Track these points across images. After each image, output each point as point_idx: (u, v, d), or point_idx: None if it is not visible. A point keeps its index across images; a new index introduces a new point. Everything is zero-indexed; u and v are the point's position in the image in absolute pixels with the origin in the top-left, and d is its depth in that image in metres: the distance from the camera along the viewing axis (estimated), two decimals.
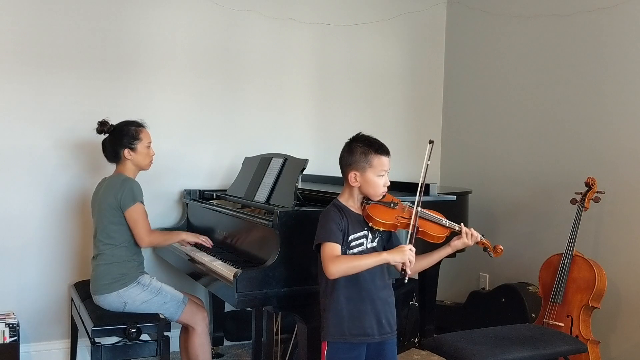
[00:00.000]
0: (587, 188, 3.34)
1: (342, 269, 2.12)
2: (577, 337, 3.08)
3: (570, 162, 3.69)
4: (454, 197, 3.20)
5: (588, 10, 3.59)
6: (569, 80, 3.72)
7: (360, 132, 2.30)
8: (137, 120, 3.07)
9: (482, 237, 2.32)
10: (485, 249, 2.35)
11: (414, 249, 2.15)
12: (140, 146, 3.01)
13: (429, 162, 2.27)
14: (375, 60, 4.43)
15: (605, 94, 3.50)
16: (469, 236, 2.28)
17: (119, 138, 2.99)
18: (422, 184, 2.24)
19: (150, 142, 3.07)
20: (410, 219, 2.21)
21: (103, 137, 3.06)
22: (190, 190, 3.78)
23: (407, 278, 2.17)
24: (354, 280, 2.19)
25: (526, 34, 4.01)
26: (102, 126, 3.03)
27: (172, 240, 3.18)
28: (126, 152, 2.99)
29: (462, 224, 2.31)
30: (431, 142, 2.28)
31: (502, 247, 2.33)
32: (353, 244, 2.21)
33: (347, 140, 2.29)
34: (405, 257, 2.12)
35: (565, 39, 3.74)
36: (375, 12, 4.40)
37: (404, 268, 2.14)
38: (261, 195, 3.15)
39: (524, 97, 4.03)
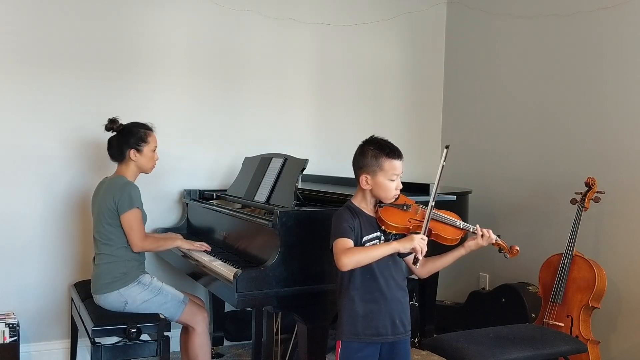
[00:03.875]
0: (587, 188, 3.34)
1: (354, 259, 2.11)
2: (577, 337, 3.08)
3: (570, 162, 3.69)
4: (454, 197, 3.20)
5: (588, 10, 3.59)
6: (569, 80, 3.72)
7: (373, 135, 2.28)
8: (147, 123, 3.08)
9: (498, 238, 2.29)
10: (500, 250, 2.32)
11: (425, 238, 2.15)
12: (146, 149, 3.02)
13: (444, 163, 2.27)
14: (375, 60, 4.43)
15: (605, 93, 3.50)
16: (484, 238, 2.26)
17: (127, 138, 2.99)
18: (435, 189, 2.24)
19: (156, 147, 3.08)
20: (423, 221, 2.20)
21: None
22: (190, 190, 3.78)
23: (418, 264, 2.18)
24: (369, 280, 2.19)
25: (526, 34, 4.01)
26: (112, 124, 3.03)
27: (167, 247, 3.13)
28: (132, 152, 2.99)
29: (477, 225, 2.29)
30: (447, 147, 2.28)
31: (518, 248, 2.30)
32: (367, 245, 2.21)
33: (360, 143, 2.28)
34: (415, 243, 2.12)
35: (565, 39, 3.74)
36: (375, 12, 4.40)
37: (416, 255, 2.14)
38: (261, 195, 3.15)
39: (524, 97, 4.03)
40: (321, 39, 4.23)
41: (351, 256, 2.11)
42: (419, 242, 2.13)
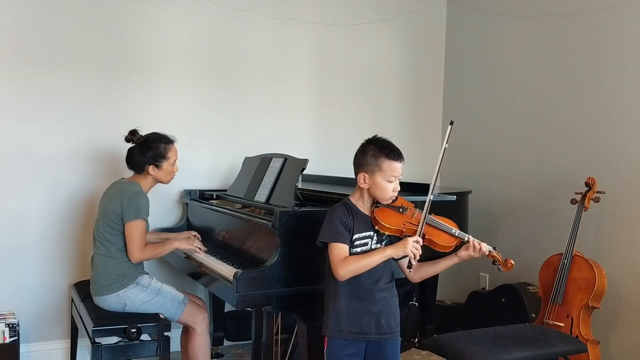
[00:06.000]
0: (587, 188, 3.34)
1: (351, 269, 2.14)
2: (577, 337, 3.08)
3: (570, 162, 3.69)
4: (454, 197, 3.20)
5: (588, 10, 3.59)
6: (569, 80, 3.72)
7: (376, 135, 2.28)
8: (168, 135, 3.05)
9: (492, 250, 2.27)
10: (494, 262, 2.29)
11: (420, 241, 2.14)
12: (165, 164, 3.00)
13: (446, 146, 2.23)
14: (375, 60, 4.43)
15: (606, 94, 3.50)
16: (476, 250, 2.24)
17: (146, 152, 2.95)
18: (437, 172, 2.22)
19: (176, 160, 3.05)
20: (418, 225, 2.19)
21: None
22: (190, 190, 3.78)
23: (412, 270, 2.17)
24: (356, 278, 2.19)
25: (526, 34, 4.01)
26: (132, 136, 2.99)
27: (165, 252, 3.08)
28: (151, 168, 2.97)
29: (469, 236, 2.27)
30: (452, 122, 2.23)
31: (513, 262, 2.26)
32: (357, 243, 2.22)
33: (362, 142, 2.28)
34: (408, 249, 2.11)
35: (565, 39, 3.74)
36: (375, 12, 4.40)
37: (410, 261, 2.13)
38: (261, 195, 3.15)
39: (524, 97, 4.03)
40: (321, 39, 4.23)
41: (347, 267, 2.14)
42: (412, 246, 2.11)
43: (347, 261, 2.15)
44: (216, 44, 3.91)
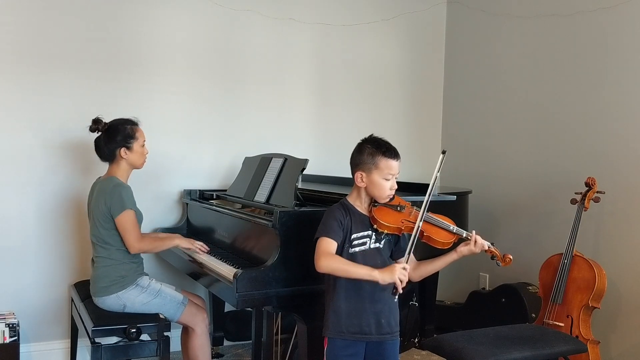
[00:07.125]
0: (587, 188, 3.35)
1: (331, 267, 2.14)
2: (577, 337, 3.08)
3: (570, 162, 3.69)
4: (454, 197, 3.20)
5: (588, 10, 3.59)
6: (569, 80, 3.72)
7: (372, 134, 2.29)
8: (132, 118, 3.02)
9: (491, 246, 2.27)
10: (493, 257, 2.29)
11: (407, 267, 2.12)
12: (136, 145, 2.95)
13: (438, 174, 2.25)
14: (375, 60, 4.43)
15: (606, 94, 3.50)
16: (477, 244, 2.24)
17: (114, 137, 2.92)
18: (430, 192, 2.23)
19: (144, 141, 3.01)
20: (415, 223, 2.19)
21: (95, 135, 3.01)
22: (190, 190, 3.78)
23: (396, 297, 2.16)
24: (355, 279, 2.19)
25: (526, 34, 4.01)
26: (96, 124, 2.96)
27: (165, 247, 3.07)
28: (122, 151, 2.93)
29: (473, 231, 2.27)
30: (444, 152, 2.26)
31: (511, 257, 2.27)
32: (355, 242, 2.22)
33: (359, 141, 2.29)
34: (395, 277, 2.08)
35: (565, 39, 3.74)
36: (375, 12, 4.40)
37: (395, 287, 2.12)
38: (261, 195, 3.16)
39: (524, 97, 4.03)
40: (321, 39, 4.23)
41: (330, 262, 2.14)
42: (399, 273, 2.09)
43: (333, 257, 2.15)
44: (216, 44, 3.91)
